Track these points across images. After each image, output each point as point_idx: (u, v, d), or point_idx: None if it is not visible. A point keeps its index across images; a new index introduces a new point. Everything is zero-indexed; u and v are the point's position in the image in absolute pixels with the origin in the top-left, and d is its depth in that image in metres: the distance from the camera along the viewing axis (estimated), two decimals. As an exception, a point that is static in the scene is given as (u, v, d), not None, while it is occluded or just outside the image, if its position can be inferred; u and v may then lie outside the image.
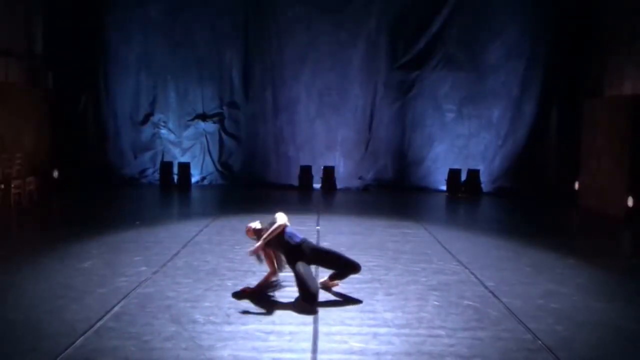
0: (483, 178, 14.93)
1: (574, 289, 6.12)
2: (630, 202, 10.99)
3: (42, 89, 13.75)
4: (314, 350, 4.34)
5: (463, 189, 14.71)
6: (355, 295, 5.65)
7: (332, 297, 5.62)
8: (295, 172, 15.21)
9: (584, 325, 5.02)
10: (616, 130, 11.73)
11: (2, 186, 10.77)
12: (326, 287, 5.82)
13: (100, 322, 4.77)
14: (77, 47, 14.48)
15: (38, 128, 13.08)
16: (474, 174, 14.76)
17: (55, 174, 13.32)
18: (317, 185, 15.16)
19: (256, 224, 5.88)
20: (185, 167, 14.87)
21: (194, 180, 15.20)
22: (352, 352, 4.31)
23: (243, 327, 4.75)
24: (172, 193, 13.97)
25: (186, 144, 15.61)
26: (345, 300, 5.56)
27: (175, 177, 14.92)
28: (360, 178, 15.42)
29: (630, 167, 11.18)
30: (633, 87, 11.68)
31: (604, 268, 7.16)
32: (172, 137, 15.58)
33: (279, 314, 5.12)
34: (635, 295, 6.06)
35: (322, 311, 5.20)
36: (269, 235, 5.55)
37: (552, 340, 4.59)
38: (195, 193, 14.08)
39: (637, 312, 5.46)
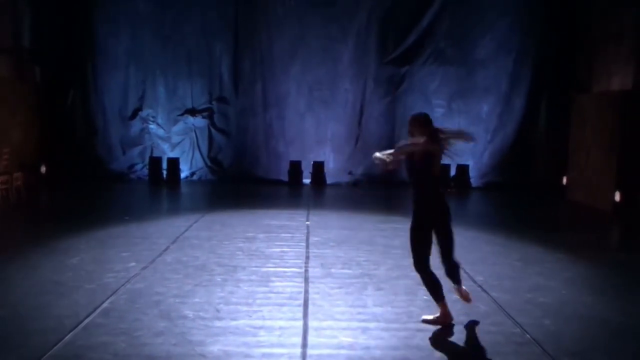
0: (472, 173, 15.00)
1: (562, 283, 6.17)
2: (617, 197, 11.09)
3: (29, 83, 13.61)
4: (304, 345, 4.34)
5: (452, 184, 14.76)
6: (345, 290, 5.65)
7: (322, 292, 5.61)
8: (285, 167, 15.18)
9: (572, 318, 5.07)
10: (604, 126, 11.82)
11: (-11, 181, 10.68)
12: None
13: (89, 318, 4.74)
14: (65, 41, 14.35)
15: (25, 123, 12.96)
16: (463, 169, 14.82)
17: (43, 169, 13.21)
18: (306, 181, 15.15)
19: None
20: (174, 163, 14.79)
21: (183, 175, 15.13)
22: (342, 347, 4.31)
23: (233, 323, 4.74)
24: (161, 188, 13.89)
25: (175, 139, 15.53)
26: (335, 295, 5.56)
27: (165, 172, 14.84)
28: (350, 173, 15.41)
29: (617, 162, 11.28)
30: (621, 83, 11.76)
31: (591, 262, 7.22)
32: (161, 132, 15.49)
33: (268, 309, 5.11)
34: (622, 289, 6.13)
35: (311, 306, 5.21)
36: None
37: (540, 334, 4.63)
38: (184, 188, 14.01)
39: (624, 306, 5.51)
